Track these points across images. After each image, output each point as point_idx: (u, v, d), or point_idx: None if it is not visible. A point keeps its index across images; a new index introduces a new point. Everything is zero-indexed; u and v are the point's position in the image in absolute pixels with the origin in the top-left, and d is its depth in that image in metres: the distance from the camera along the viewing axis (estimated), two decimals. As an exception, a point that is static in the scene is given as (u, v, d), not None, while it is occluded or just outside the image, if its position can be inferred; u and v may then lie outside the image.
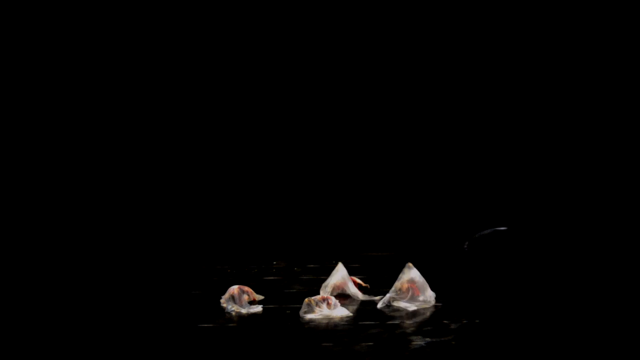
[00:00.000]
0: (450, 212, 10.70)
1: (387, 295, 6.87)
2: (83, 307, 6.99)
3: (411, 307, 6.74)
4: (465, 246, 9.49)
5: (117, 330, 6.20)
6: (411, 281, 6.97)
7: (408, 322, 6.34)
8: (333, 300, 6.73)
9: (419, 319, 6.45)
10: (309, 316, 6.55)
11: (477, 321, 6.23)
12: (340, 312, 6.64)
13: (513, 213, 10.46)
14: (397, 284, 6.97)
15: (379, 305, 6.81)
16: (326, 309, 6.61)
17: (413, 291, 6.83)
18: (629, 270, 8.12)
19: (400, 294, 6.83)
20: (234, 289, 6.92)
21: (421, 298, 6.81)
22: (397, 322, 6.34)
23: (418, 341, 5.73)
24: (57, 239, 9.91)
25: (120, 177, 10.63)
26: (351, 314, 6.62)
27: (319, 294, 7.09)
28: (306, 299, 6.72)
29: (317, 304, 6.62)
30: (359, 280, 7.64)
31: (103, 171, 10.59)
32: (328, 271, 7.65)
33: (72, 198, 10.45)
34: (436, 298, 7.02)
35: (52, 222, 10.23)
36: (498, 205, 10.60)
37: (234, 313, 6.69)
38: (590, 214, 10.13)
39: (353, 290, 7.25)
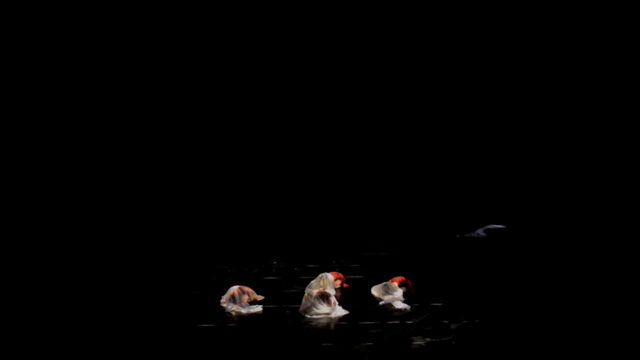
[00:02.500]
0: (449, 212, 10.69)
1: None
2: (83, 307, 6.98)
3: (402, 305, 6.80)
4: (473, 234, 9.50)
5: (118, 330, 6.20)
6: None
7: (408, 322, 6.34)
8: (333, 299, 6.73)
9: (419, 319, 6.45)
10: (308, 316, 6.56)
11: (477, 321, 6.23)
12: (339, 312, 6.64)
13: (512, 212, 10.45)
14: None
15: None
16: (326, 307, 6.60)
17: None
18: (628, 270, 8.11)
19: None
20: (234, 289, 6.92)
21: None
22: (397, 322, 6.34)
23: (418, 341, 5.73)
24: (57, 239, 9.91)
25: (121, 178, 10.63)
26: (348, 312, 6.61)
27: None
28: (306, 294, 6.72)
29: (317, 299, 6.61)
30: (342, 277, 7.71)
31: (103, 172, 10.59)
32: (328, 271, 7.71)
33: (73, 199, 10.45)
34: (436, 298, 7.05)
35: (52, 222, 10.22)
36: (497, 205, 10.60)
37: (234, 313, 6.70)
38: (588, 214, 10.12)
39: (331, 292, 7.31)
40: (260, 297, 7.13)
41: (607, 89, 10.31)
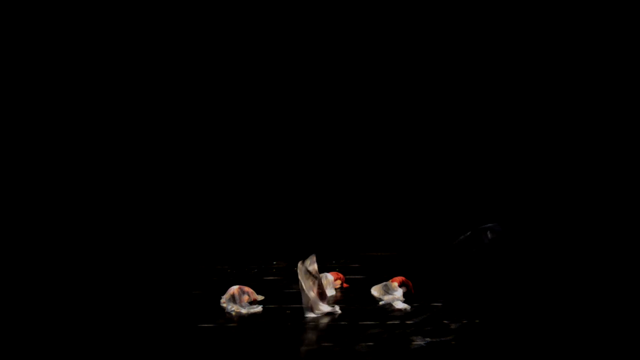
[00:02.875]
0: (449, 212, 10.69)
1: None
2: (83, 307, 6.98)
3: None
4: (459, 240, 9.52)
5: (118, 330, 6.20)
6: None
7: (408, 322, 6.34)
8: (327, 300, 6.70)
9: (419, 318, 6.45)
10: (313, 315, 6.52)
11: (477, 321, 6.23)
12: (324, 308, 6.62)
13: (511, 213, 10.45)
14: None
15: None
16: (320, 304, 6.57)
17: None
18: (628, 270, 8.12)
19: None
20: (234, 289, 6.92)
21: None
22: (397, 322, 6.34)
23: (418, 341, 5.73)
24: (58, 239, 9.92)
25: (121, 178, 10.63)
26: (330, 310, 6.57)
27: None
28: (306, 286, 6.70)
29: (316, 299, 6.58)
30: (342, 277, 7.73)
31: (103, 172, 10.59)
32: (328, 271, 7.72)
33: (73, 199, 10.45)
34: (436, 298, 7.06)
35: (53, 222, 10.22)
36: (496, 205, 10.59)
37: (234, 313, 6.70)
38: (588, 214, 10.12)
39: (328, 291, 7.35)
40: (260, 297, 7.13)
41: (604, 90, 10.32)
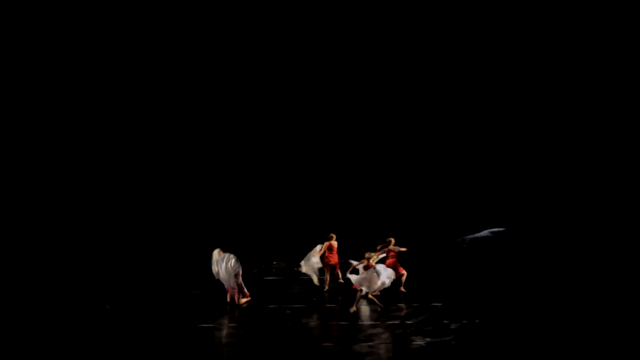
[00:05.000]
0: (449, 213, 10.69)
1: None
2: (84, 307, 6.98)
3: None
4: (465, 244, 9.52)
5: (118, 330, 6.20)
6: None
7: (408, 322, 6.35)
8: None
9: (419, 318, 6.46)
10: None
11: (477, 321, 6.23)
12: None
13: (511, 214, 10.44)
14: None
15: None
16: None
17: None
18: (627, 271, 8.12)
19: None
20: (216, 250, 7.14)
21: None
22: (397, 322, 6.35)
23: (418, 341, 5.74)
24: (58, 240, 9.91)
25: (121, 179, 10.64)
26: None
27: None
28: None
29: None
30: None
31: (104, 173, 10.60)
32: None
33: (74, 200, 10.45)
34: (436, 298, 7.07)
35: (53, 223, 10.22)
36: (496, 206, 10.59)
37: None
38: (587, 215, 10.13)
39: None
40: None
41: (603, 99, 10.37)
